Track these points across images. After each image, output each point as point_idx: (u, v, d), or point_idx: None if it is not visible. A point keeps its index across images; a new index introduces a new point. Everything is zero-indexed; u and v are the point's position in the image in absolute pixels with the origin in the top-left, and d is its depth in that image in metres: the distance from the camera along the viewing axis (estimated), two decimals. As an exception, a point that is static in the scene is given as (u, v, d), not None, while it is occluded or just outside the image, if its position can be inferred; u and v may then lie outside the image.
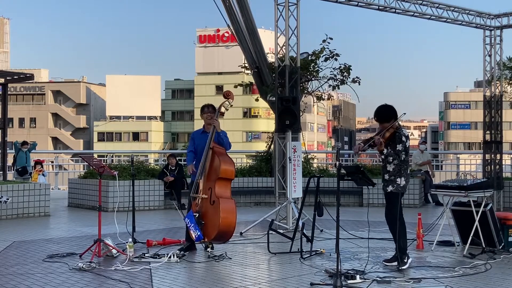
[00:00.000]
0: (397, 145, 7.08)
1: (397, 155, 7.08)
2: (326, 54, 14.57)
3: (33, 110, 74.11)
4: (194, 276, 6.77)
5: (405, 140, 7.10)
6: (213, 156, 7.75)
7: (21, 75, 14.14)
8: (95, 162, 8.43)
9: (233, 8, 12.89)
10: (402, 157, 7.12)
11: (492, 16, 13.67)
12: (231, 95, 7.95)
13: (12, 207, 11.57)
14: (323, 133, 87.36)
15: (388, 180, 7.21)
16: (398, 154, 7.08)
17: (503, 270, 7.02)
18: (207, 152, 7.73)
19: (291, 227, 9.77)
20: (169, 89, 77.34)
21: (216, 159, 7.71)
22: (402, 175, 7.15)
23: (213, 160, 7.74)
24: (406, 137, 7.12)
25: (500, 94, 14.04)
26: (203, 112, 8.06)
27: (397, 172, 7.15)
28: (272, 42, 11.20)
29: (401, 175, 7.15)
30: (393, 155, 7.08)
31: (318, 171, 15.71)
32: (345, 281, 6.15)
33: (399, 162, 7.12)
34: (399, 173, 7.15)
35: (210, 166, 7.74)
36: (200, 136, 8.07)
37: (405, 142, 7.11)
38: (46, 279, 6.45)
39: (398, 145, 7.08)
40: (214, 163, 7.73)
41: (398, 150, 7.08)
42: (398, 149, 7.07)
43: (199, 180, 7.74)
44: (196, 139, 8.09)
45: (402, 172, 7.15)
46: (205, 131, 8.05)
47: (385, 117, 7.20)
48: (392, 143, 7.11)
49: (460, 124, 79.28)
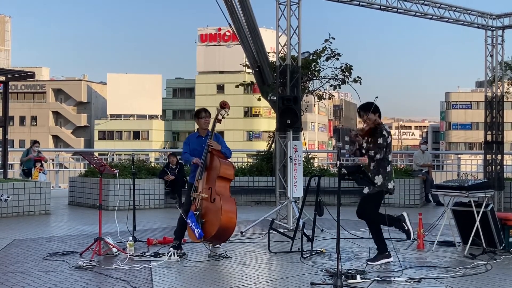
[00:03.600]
0: (378, 139, 7.07)
1: (378, 149, 7.05)
2: (328, 54, 14.59)
3: (34, 108, 74.16)
4: (194, 275, 6.76)
5: (386, 134, 7.10)
6: (212, 158, 7.79)
7: (22, 73, 14.12)
8: (96, 161, 8.42)
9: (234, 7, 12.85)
10: (383, 154, 7.09)
11: (494, 16, 13.66)
12: (227, 105, 7.97)
13: (13, 205, 11.58)
14: (324, 132, 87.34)
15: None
16: (380, 148, 7.05)
17: (503, 270, 7.01)
18: (206, 155, 7.74)
19: (291, 227, 9.77)
20: (170, 88, 77.34)
21: (216, 160, 7.76)
22: (380, 173, 7.14)
23: (213, 161, 7.77)
24: (387, 133, 7.12)
25: (501, 95, 14.03)
26: (201, 117, 8.01)
27: (376, 170, 7.15)
28: (274, 41, 11.20)
29: (379, 173, 7.14)
30: (375, 148, 7.05)
31: (319, 170, 15.71)
32: (345, 281, 6.14)
33: (379, 159, 7.09)
34: (377, 171, 7.15)
35: (209, 167, 7.76)
36: (196, 141, 8.03)
37: (386, 137, 7.10)
38: (46, 277, 6.45)
39: (379, 139, 7.07)
40: (213, 163, 7.76)
41: (379, 143, 7.07)
42: (380, 142, 7.07)
43: (198, 181, 7.73)
44: (191, 144, 8.03)
45: (380, 170, 7.14)
46: (200, 136, 8.03)
47: (364, 108, 7.21)
48: (372, 138, 7.11)
49: (461, 124, 79.27)
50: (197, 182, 7.74)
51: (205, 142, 7.88)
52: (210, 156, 7.77)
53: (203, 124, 8.01)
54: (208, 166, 7.76)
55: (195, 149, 7.92)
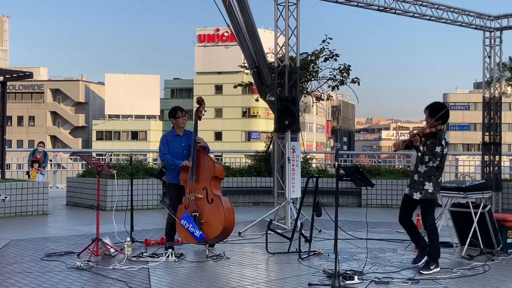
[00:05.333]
0: (436, 147, 6.87)
1: (433, 156, 6.85)
2: (326, 55, 14.58)
3: (32, 108, 74.07)
4: (192, 275, 6.76)
5: (444, 144, 6.88)
6: (202, 157, 7.80)
7: (20, 73, 14.11)
8: (94, 161, 8.41)
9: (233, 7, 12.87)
10: (437, 163, 6.90)
11: (492, 18, 13.67)
12: (203, 102, 8.01)
13: (10, 205, 11.56)
14: (322, 133, 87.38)
15: (417, 181, 7.02)
16: (435, 156, 6.85)
17: (501, 271, 7.02)
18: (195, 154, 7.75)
19: (289, 227, 9.77)
20: (168, 88, 77.29)
21: (207, 159, 7.79)
22: (432, 181, 6.95)
23: (203, 160, 7.79)
24: (446, 142, 6.90)
25: (499, 96, 14.04)
26: (178, 117, 7.97)
27: (427, 176, 6.96)
28: (272, 42, 11.20)
29: (430, 180, 6.95)
30: (430, 155, 6.85)
31: (317, 171, 15.71)
32: (343, 281, 6.14)
33: (432, 166, 6.92)
34: (429, 178, 6.95)
35: (200, 166, 7.76)
36: (174, 140, 7.98)
37: (444, 147, 6.88)
38: (43, 278, 6.44)
39: (437, 147, 6.86)
40: (205, 162, 7.78)
41: (435, 152, 6.85)
42: (437, 151, 6.85)
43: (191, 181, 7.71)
44: (170, 143, 7.95)
45: (432, 178, 6.96)
46: (178, 135, 8.00)
47: (435, 110, 6.96)
48: (431, 144, 6.91)
49: (459, 125, 79.42)
50: (189, 182, 7.72)
51: (184, 141, 7.90)
52: (198, 154, 7.79)
53: (181, 123, 8.01)
54: (198, 165, 7.76)
55: (175, 150, 7.86)
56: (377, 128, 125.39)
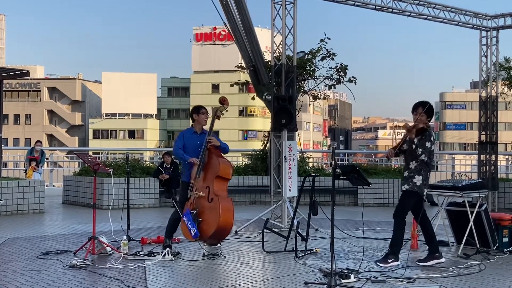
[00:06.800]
0: (426, 142, 7.07)
1: (425, 150, 7.03)
2: (323, 54, 14.60)
3: (29, 106, 73.92)
4: (188, 274, 6.76)
5: (432, 140, 7.13)
6: (211, 156, 7.76)
7: (16, 71, 14.09)
8: (90, 160, 8.40)
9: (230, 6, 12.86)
10: (425, 158, 7.08)
11: (488, 17, 13.69)
12: (226, 101, 8.00)
13: (7, 203, 11.54)
14: (319, 132, 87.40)
15: (407, 177, 7.22)
16: (426, 150, 7.04)
17: (497, 270, 7.04)
18: (204, 153, 7.72)
19: (286, 226, 9.78)
20: (165, 87, 77.23)
21: (215, 159, 7.74)
22: (421, 174, 7.14)
23: (211, 159, 7.75)
24: (434, 139, 7.14)
25: (496, 95, 14.06)
26: (201, 113, 7.97)
27: (417, 171, 7.14)
28: (269, 41, 11.20)
29: (420, 174, 7.14)
30: (422, 148, 7.03)
31: (313, 170, 15.73)
32: (339, 280, 6.15)
33: (423, 161, 7.09)
34: (419, 172, 7.14)
35: (208, 165, 7.74)
36: (191, 137, 7.97)
37: (432, 143, 7.12)
38: (39, 276, 6.43)
39: (427, 142, 7.07)
40: (212, 161, 7.74)
41: (427, 146, 7.06)
42: (427, 146, 7.06)
43: (196, 179, 7.71)
44: (186, 139, 7.95)
45: (421, 172, 7.14)
46: (196, 132, 7.99)
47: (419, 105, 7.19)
48: (421, 139, 7.10)
49: (455, 124, 79.53)
50: (194, 180, 7.72)
51: (200, 140, 7.86)
52: (209, 154, 7.75)
53: (203, 120, 7.99)
54: (206, 164, 7.75)
55: (190, 146, 7.86)
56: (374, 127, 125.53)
